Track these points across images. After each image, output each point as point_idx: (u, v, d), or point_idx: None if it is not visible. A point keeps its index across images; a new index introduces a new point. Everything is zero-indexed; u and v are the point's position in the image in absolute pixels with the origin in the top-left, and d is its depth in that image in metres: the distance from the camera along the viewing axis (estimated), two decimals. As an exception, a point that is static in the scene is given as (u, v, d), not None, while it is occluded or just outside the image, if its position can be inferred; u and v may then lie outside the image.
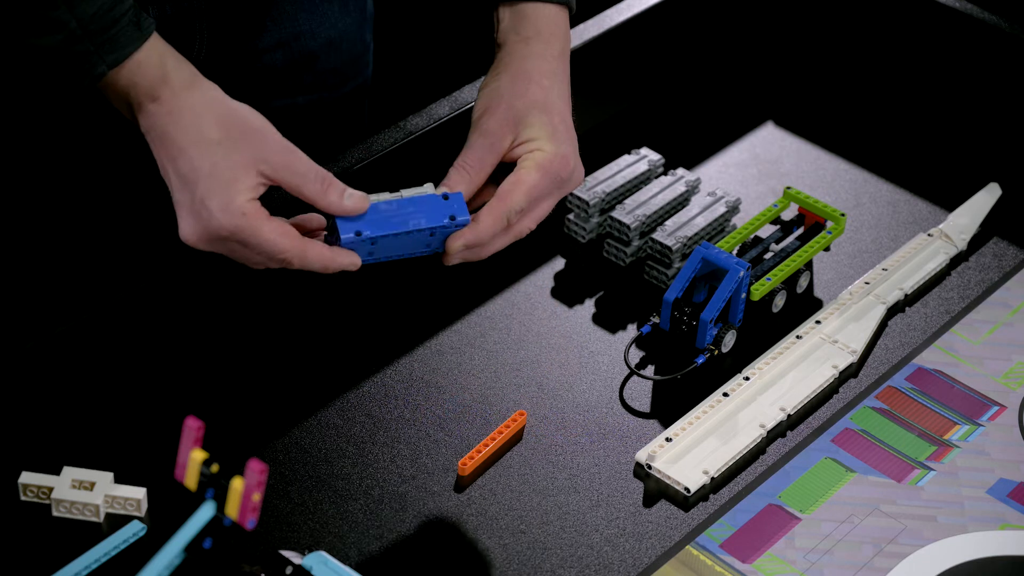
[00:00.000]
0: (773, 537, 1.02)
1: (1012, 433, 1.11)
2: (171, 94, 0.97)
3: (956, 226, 1.27)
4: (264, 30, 1.19)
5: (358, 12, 1.26)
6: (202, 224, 0.96)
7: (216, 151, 0.96)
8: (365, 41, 1.28)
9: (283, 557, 0.96)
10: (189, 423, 0.88)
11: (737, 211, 1.26)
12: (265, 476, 0.87)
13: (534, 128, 1.05)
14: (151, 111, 0.96)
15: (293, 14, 1.19)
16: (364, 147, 1.21)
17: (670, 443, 1.07)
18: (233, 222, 0.95)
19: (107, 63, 0.95)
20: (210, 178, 0.95)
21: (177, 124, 0.96)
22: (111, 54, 0.94)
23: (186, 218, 0.97)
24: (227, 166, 0.96)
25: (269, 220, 0.96)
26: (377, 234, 1.00)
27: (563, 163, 1.05)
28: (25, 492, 1.00)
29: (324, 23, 1.22)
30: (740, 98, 1.43)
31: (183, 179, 0.96)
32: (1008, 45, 1.36)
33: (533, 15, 1.09)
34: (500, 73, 1.07)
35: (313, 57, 1.23)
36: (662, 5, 1.38)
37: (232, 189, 0.95)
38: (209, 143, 0.96)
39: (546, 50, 1.08)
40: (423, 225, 1.01)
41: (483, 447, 1.06)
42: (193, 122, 0.96)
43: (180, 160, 0.96)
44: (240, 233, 0.96)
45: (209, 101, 0.97)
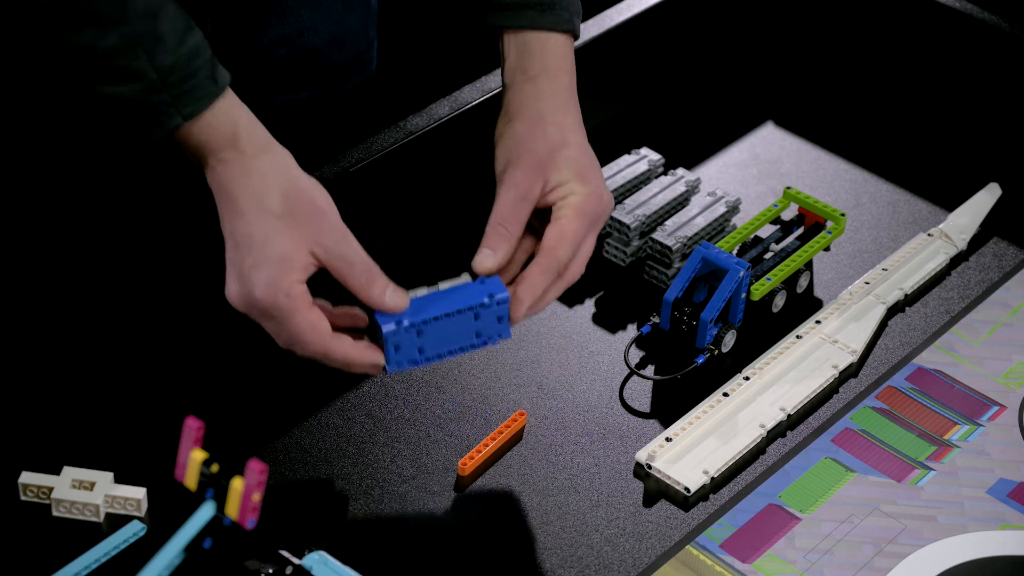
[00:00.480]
0: (773, 537, 1.02)
1: (1012, 433, 1.11)
2: (240, 156, 0.97)
3: (956, 226, 1.27)
4: (268, 25, 1.19)
5: (362, 8, 1.26)
6: (245, 291, 0.96)
7: (275, 224, 0.96)
8: (369, 37, 1.28)
9: (283, 557, 0.96)
10: (189, 423, 0.88)
11: (737, 211, 1.26)
12: (265, 476, 0.87)
13: (562, 171, 1.04)
14: (218, 170, 0.97)
15: (297, 10, 1.20)
16: (364, 147, 1.21)
17: (670, 443, 1.07)
18: (274, 300, 0.96)
19: (183, 115, 0.94)
20: (263, 250, 0.96)
21: (242, 188, 0.97)
22: (187, 107, 0.94)
23: (233, 279, 0.97)
24: (282, 242, 0.96)
25: (308, 310, 0.97)
26: (417, 319, 1.00)
27: (598, 201, 1.05)
28: (25, 492, 1.00)
29: (327, 19, 1.22)
30: (740, 98, 1.43)
31: (237, 242, 0.96)
32: (1008, 45, 1.36)
33: (539, 49, 1.08)
34: (513, 119, 1.07)
35: (317, 53, 1.23)
36: (662, 5, 1.38)
37: (282, 267, 0.96)
38: (269, 214, 0.96)
39: (555, 86, 1.07)
40: (462, 306, 1.01)
41: (483, 447, 1.06)
42: (258, 189, 0.97)
43: (238, 223, 0.96)
44: (276, 312, 0.96)
45: (278, 170, 0.97)
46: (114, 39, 0.91)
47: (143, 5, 0.92)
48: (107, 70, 0.92)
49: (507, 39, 1.08)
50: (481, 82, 1.28)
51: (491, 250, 1.02)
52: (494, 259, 1.02)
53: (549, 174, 1.04)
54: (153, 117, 0.94)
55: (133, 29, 0.92)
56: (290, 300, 0.96)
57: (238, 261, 0.96)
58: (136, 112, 0.94)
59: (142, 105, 0.93)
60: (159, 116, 0.94)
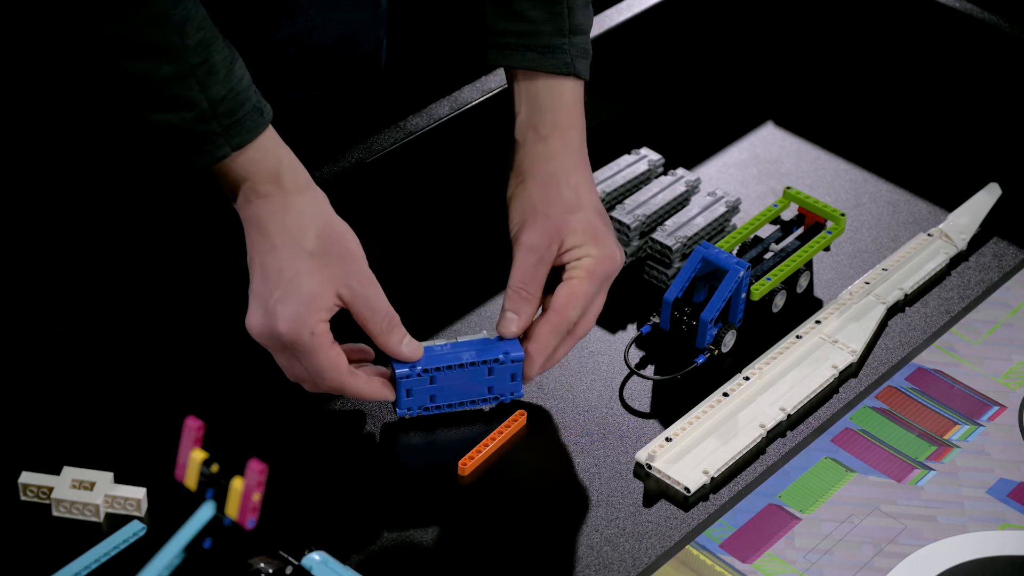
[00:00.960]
0: (773, 537, 1.02)
1: (1012, 433, 1.11)
2: (280, 192, 0.98)
3: (956, 226, 1.27)
4: (278, 24, 1.19)
5: (371, 8, 1.25)
6: (269, 324, 0.98)
7: (308, 263, 0.98)
8: (378, 37, 1.28)
9: (283, 557, 0.96)
10: (189, 423, 0.88)
11: (737, 211, 1.26)
12: (265, 476, 0.87)
13: (577, 234, 1.06)
14: (255, 203, 0.98)
15: (306, 8, 1.19)
16: (364, 147, 1.21)
17: (670, 443, 1.07)
18: (298, 336, 0.98)
19: (231, 146, 0.96)
20: (292, 285, 0.98)
21: (279, 224, 0.98)
22: (236, 137, 0.96)
23: (257, 311, 0.99)
24: (312, 281, 0.98)
25: (329, 347, 1.00)
26: (431, 367, 1.04)
27: (610, 262, 1.07)
28: (25, 492, 1.00)
29: (337, 18, 1.22)
30: (740, 98, 1.43)
31: (266, 275, 0.98)
32: (1008, 45, 1.36)
33: (549, 103, 1.08)
34: (526, 180, 1.08)
35: (326, 52, 1.23)
36: (662, 5, 1.38)
37: (309, 305, 0.98)
38: (302, 251, 0.98)
39: (566, 145, 1.08)
40: (477, 359, 1.05)
41: (483, 447, 1.06)
42: (295, 227, 0.98)
43: (270, 257, 0.98)
44: (298, 347, 0.98)
45: (316, 210, 0.99)
46: (170, 69, 0.93)
47: (199, 36, 0.94)
48: (160, 98, 0.94)
49: (517, 88, 1.09)
50: (481, 82, 1.28)
51: (515, 314, 1.06)
52: (518, 323, 1.06)
53: (564, 236, 1.06)
54: (200, 146, 0.95)
55: (189, 59, 0.93)
56: (314, 338, 0.98)
57: (264, 294, 0.98)
58: (184, 141, 0.95)
59: (191, 134, 0.95)
60: (207, 145, 0.95)
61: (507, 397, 1.08)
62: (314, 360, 0.99)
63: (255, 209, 0.99)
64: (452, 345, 1.06)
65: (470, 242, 1.24)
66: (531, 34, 1.08)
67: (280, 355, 1.01)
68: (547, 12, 1.07)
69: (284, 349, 0.99)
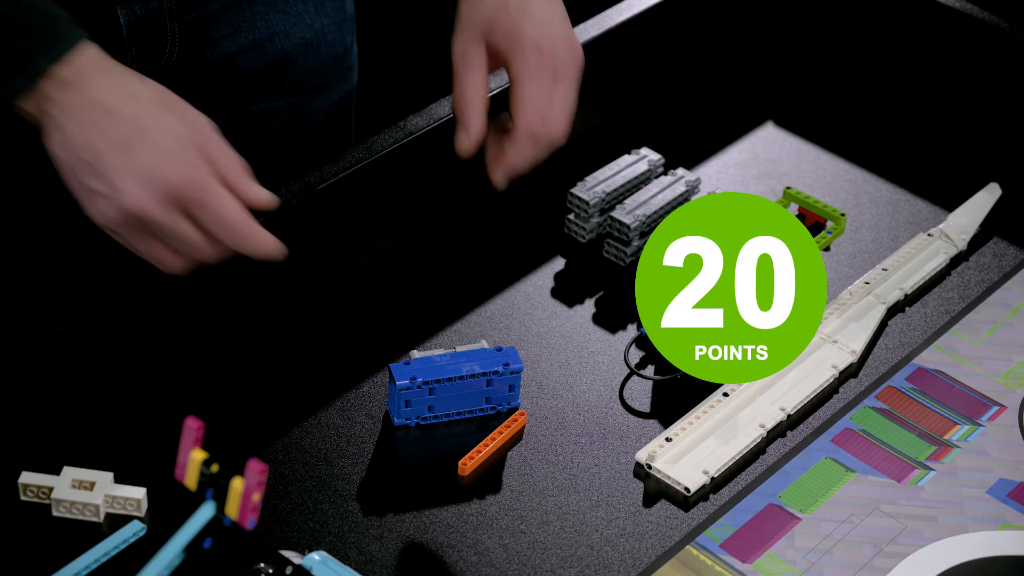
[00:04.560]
0: (773, 537, 1.02)
1: (1012, 433, 1.11)
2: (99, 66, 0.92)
3: (956, 226, 1.27)
4: (237, 31, 1.17)
5: (336, 12, 1.24)
6: (154, 183, 0.90)
7: (153, 111, 0.92)
8: (345, 42, 1.27)
9: (283, 557, 0.96)
10: (189, 423, 0.88)
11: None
12: (265, 476, 0.87)
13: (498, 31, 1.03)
14: (76, 85, 0.91)
15: (265, 14, 1.18)
16: (364, 147, 1.21)
17: (670, 443, 1.07)
18: (191, 177, 0.91)
19: (49, 58, 0.90)
20: (160, 135, 0.91)
21: (109, 87, 0.91)
22: (53, 48, 0.90)
23: (129, 182, 0.90)
24: (170, 125, 0.92)
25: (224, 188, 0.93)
26: (431, 378, 1.05)
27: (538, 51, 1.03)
28: (25, 492, 1.00)
29: (299, 23, 1.21)
30: (740, 98, 1.43)
31: (121, 142, 0.90)
32: (1008, 45, 1.36)
33: None
34: None
35: (290, 59, 1.22)
36: (662, 5, 1.38)
37: (185, 146, 0.91)
38: (148, 103, 0.92)
39: None
40: (476, 371, 1.06)
41: (483, 447, 1.06)
42: (125, 83, 0.92)
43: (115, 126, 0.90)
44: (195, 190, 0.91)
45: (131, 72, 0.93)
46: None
47: None
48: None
49: None
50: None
51: (462, 129, 1.04)
52: (467, 139, 1.04)
53: (489, 37, 1.04)
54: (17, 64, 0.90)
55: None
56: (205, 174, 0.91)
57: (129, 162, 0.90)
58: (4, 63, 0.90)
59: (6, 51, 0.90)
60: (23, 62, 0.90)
61: (504, 407, 1.09)
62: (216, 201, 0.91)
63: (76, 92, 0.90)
64: (451, 356, 1.07)
65: (470, 242, 1.24)
66: None
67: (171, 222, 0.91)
68: None
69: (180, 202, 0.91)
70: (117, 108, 0.91)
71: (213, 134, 0.94)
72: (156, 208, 0.91)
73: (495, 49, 1.04)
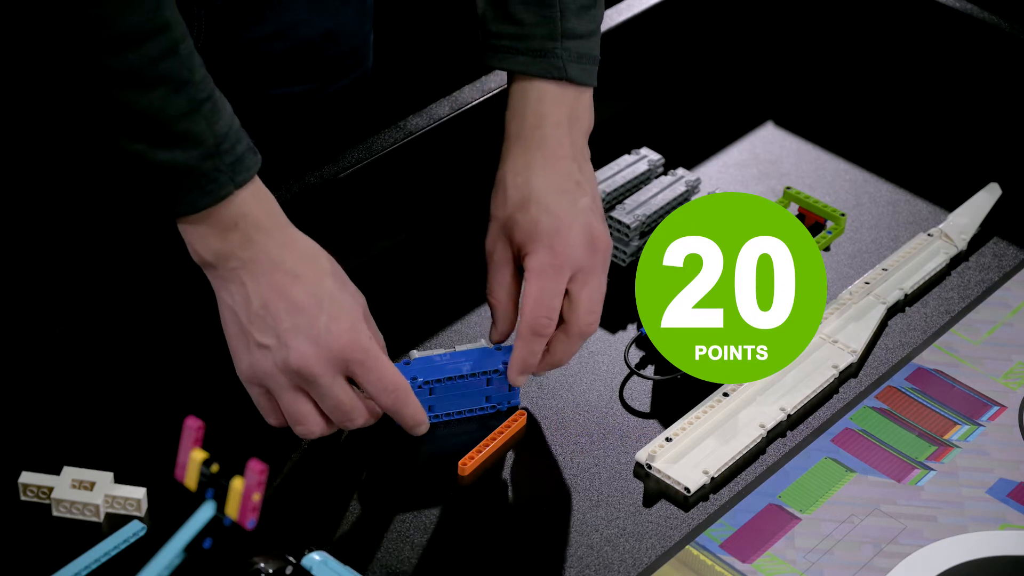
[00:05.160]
0: (773, 537, 1.02)
1: (1012, 433, 1.11)
2: (281, 227, 0.97)
3: (956, 226, 1.27)
4: (262, 19, 1.18)
5: (358, 3, 1.26)
6: (325, 346, 0.96)
7: (331, 282, 0.97)
8: (364, 32, 1.28)
9: (283, 557, 0.96)
10: (189, 423, 0.88)
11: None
12: (265, 476, 0.87)
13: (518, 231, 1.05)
14: (261, 241, 0.96)
15: (291, 3, 1.19)
16: (364, 147, 1.21)
17: (670, 443, 1.07)
18: (361, 343, 0.97)
19: (235, 183, 0.93)
20: (334, 303, 0.96)
21: (293, 253, 0.97)
22: (240, 175, 0.94)
23: (302, 342, 0.96)
24: (344, 296, 0.97)
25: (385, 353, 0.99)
26: (431, 378, 1.05)
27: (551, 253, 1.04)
28: (25, 492, 1.00)
29: (323, 13, 1.22)
30: (740, 98, 1.43)
31: (299, 305, 0.96)
32: (1008, 45, 1.36)
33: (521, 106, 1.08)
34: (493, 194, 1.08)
35: (312, 47, 1.23)
36: (662, 5, 1.38)
37: (356, 315, 0.97)
38: (325, 274, 0.97)
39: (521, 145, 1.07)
40: (476, 370, 1.06)
41: (483, 447, 1.06)
42: (308, 253, 0.97)
43: (295, 288, 0.96)
44: (366, 354, 0.97)
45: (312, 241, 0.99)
46: (182, 103, 0.91)
47: (202, 72, 0.92)
48: (167, 134, 0.91)
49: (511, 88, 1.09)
50: (481, 82, 1.28)
51: (494, 326, 1.08)
52: (497, 334, 1.08)
53: (511, 234, 1.06)
54: (203, 185, 0.93)
55: (198, 93, 0.91)
56: (372, 342, 0.97)
57: (305, 322, 0.96)
58: (185, 181, 0.93)
59: (193, 173, 0.92)
60: (209, 184, 0.93)
61: (505, 406, 1.09)
62: (378, 366, 0.98)
63: (260, 248, 0.96)
64: (451, 355, 1.07)
65: (470, 242, 1.24)
66: (523, 37, 1.07)
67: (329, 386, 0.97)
68: (539, 16, 1.07)
69: (345, 364, 0.97)
70: (299, 273, 0.96)
71: (368, 312, 1.01)
72: (319, 366, 0.96)
73: (517, 246, 1.06)
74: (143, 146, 0.91)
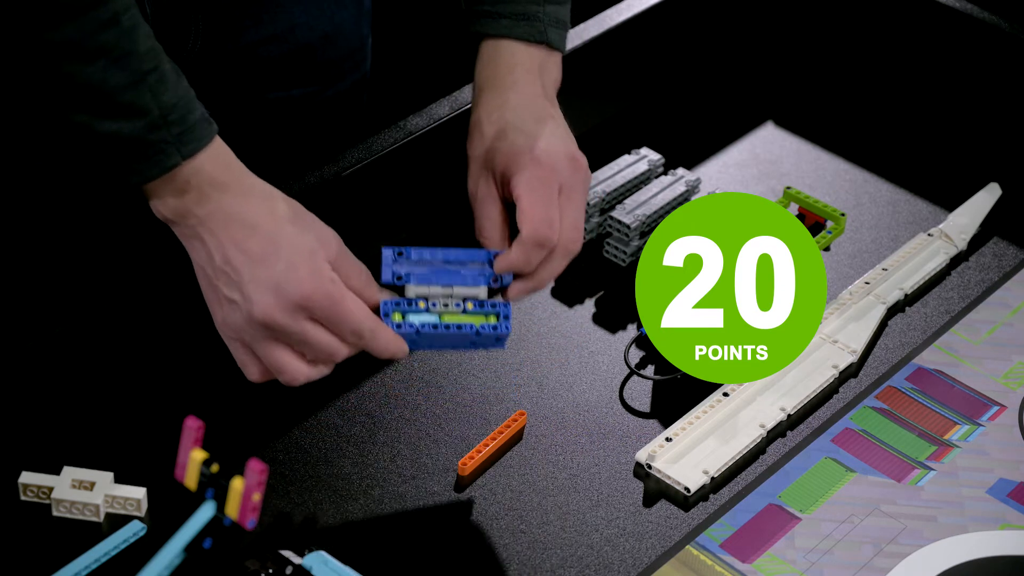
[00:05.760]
0: (773, 537, 1.02)
1: (1012, 433, 1.11)
2: (237, 179, 0.96)
3: (956, 226, 1.27)
4: (259, 22, 1.19)
5: (355, 5, 1.26)
6: (285, 295, 0.95)
7: (290, 227, 0.96)
8: (362, 35, 1.29)
9: (283, 557, 0.96)
10: (189, 423, 0.88)
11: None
12: (265, 476, 0.87)
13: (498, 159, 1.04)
14: (215, 197, 0.96)
15: (288, 7, 1.19)
16: (364, 147, 1.21)
17: (670, 443, 1.07)
18: (323, 288, 0.95)
19: (182, 154, 0.94)
20: (292, 249, 0.96)
21: (250, 204, 0.96)
22: (187, 145, 0.94)
23: (263, 294, 0.95)
24: (304, 240, 0.96)
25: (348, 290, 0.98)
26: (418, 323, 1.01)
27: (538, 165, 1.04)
28: (25, 492, 1.00)
29: (320, 16, 1.22)
30: (740, 98, 1.43)
31: (256, 257, 0.95)
32: (1008, 45, 1.36)
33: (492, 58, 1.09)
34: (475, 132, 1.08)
35: (310, 50, 1.23)
36: (662, 5, 1.38)
37: (316, 258, 0.96)
38: (283, 221, 0.97)
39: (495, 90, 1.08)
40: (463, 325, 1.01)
41: (483, 447, 1.06)
42: (264, 202, 0.97)
43: (252, 239, 0.95)
44: (327, 300, 0.96)
45: (267, 186, 0.98)
46: (123, 75, 0.91)
47: (148, 44, 0.92)
48: (111, 106, 0.91)
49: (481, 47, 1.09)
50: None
51: None
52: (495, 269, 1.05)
53: (492, 169, 1.05)
54: (150, 156, 0.93)
55: (141, 65, 0.91)
56: (335, 285, 0.96)
57: (264, 273, 0.95)
58: (132, 151, 0.93)
59: (141, 144, 0.93)
60: (157, 155, 0.93)
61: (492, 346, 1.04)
62: (342, 309, 0.96)
63: (215, 204, 0.96)
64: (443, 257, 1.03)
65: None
66: (505, 1, 1.08)
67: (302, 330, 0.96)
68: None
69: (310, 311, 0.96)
70: (255, 224, 0.96)
71: (342, 247, 0.99)
72: (283, 316, 0.95)
73: (500, 175, 1.05)
74: (87, 117, 0.92)
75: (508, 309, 1.02)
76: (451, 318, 1.02)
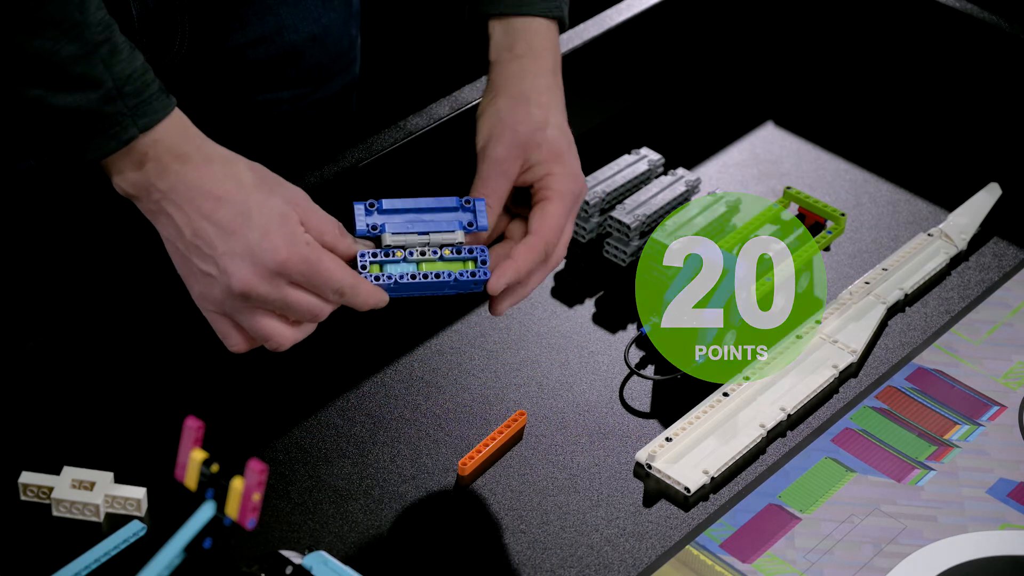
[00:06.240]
0: (773, 537, 1.02)
1: (1012, 433, 1.11)
2: (197, 147, 0.95)
3: (956, 226, 1.27)
4: (246, 24, 1.18)
5: (343, 7, 1.25)
6: (262, 264, 0.94)
7: (257, 194, 0.95)
8: (351, 36, 1.28)
9: (283, 557, 0.96)
10: (189, 423, 0.88)
11: (737, 211, 1.26)
12: (265, 476, 0.87)
13: (542, 150, 1.05)
14: (176, 169, 0.94)
15: (275, 8, 1.19)
16: (364, 147, 1.21)
17: (670, 443, 1.07)
18: (299, 252, 0.94)
19: (139, 127, 0.93)
20: (263, 216, 0.94)
21: (211, 173, 0.95)
22: (143, 118, 0.93)
23: (240, 265, 0.94)
24: (273, 204, 0.95)
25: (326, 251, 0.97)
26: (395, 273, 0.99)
27: (575, 180, 1.05)
28: (25, 492, 1.00)
29: (307, 17, 1.22)
30: (740, 98, 1.43)
31: (227, 228, 0.94)
32: (1008, 45, 1.36)
33: (524, 30, 1.08)
34: (497, 96, 1.07)
35: (297, 52, 1.23)
36: (662, 5, 1.38)
37: (289, 222, 0.95)
38: (249, 187, 0.95)
39: (540, 66, 1.07)
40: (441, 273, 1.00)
41: (483, 447, 1.06)
42: (227, 168, 0.95)
43: (220, 211, 0.94)
44: (306, 263, 0.95)
45: (228, 153, 0.97)
46: (73, 46, 0.90)
47: (99, 15, 0.91)
48: (63, 78, 0.90)
49: (493, 24, 1.08)
50: (481, 82, 1.28)
51: None
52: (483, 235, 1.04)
53: (529, 153, 1.04)
54: (106, 129, 0.92)
55: (92, 36, 0.90)
56: (311, 247, 0.95)
57: (239, 243, 0.94)
58: (88, 124, 0.92)
59: (96, 116, 0.92)
60: (113, 127, 0.92)
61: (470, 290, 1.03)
62: (323, 268, 0.95)
63: (177, 176, 0.94)
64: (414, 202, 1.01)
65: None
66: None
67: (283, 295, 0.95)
68: None
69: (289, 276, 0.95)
70: (220, 193, 0.94)
71: (310, 204, 0.98)
72: (262, 285, 0.94)
73: (533, 162, 1.05)
74: (42, 91, 0.91)
75: (485, 254, 1.01)
76: (429, 266, 1.01)
